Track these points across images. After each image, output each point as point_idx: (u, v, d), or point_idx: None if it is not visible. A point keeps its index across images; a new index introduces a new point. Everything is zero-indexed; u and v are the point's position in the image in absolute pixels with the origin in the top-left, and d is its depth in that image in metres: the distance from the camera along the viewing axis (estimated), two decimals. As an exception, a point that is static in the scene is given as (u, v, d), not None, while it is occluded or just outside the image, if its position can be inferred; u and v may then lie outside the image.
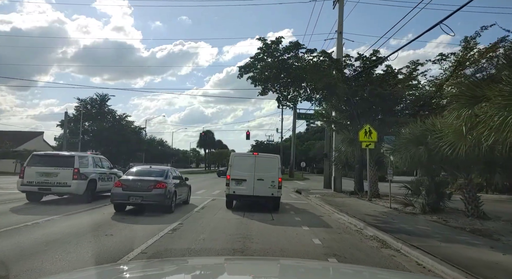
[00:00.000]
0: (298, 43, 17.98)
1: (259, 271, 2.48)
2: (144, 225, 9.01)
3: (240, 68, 18.21)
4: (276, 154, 15.37)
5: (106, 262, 5.50)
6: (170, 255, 6.22)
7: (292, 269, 2.73)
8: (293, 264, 3.09)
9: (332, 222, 11.04)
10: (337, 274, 2.56)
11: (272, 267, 2.77)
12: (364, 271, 2.89)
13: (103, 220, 9.63)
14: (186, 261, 3.81)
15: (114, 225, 8.87)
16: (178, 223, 9.41)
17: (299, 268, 2.76)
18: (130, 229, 8.46)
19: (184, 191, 13.40)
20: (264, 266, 2.78)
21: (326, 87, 17.02)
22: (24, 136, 60.29)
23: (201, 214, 11.43)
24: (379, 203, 15.64)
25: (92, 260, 5.80)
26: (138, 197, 10.42)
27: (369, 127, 16.76)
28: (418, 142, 11.56)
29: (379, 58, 18.36)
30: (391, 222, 10.24)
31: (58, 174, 12.30)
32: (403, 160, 12.63)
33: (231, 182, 12.71)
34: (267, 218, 11.23)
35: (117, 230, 8.25)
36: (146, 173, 11.57)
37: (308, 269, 2.77)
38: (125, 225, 8.84)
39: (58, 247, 6.49)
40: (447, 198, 12.14)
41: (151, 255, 6.19)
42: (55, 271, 5.21)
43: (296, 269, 2.70)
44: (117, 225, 8.89)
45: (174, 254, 6.32)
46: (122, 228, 8.52)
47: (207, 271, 2.57)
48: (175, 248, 6.81)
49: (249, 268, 2.65)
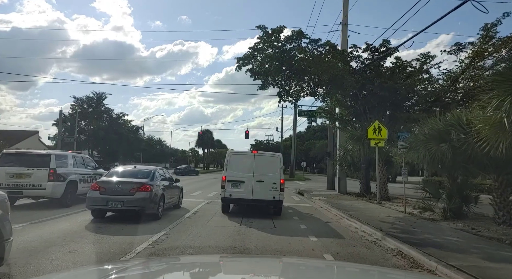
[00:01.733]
0: (301, 32, 16.49)
1: (261, 271, 2.42)
2: (122, 237, 7.55)
3: (239, 60, 16.69)
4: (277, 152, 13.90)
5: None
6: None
7: (294, 267, 2.70)
8: (295, 262, 3.10)
9: (342, 230, 9.61)
10: (342, 274, 2.50)
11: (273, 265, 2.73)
12: (371, 271, 2.89)
13: (74, 229, 8.16)
14: (187, 259, 3.77)
15: (85, 236, 7.42)
16: (163, 234, 7.98)
17: (300, 266, 2.73)
18: (102, 242, 7.01)
19: (175, 194, 11.95)
20: (266, 265, 2.68)
21: (332, 79, 15.53)
22: (19, 135, 58.91)
23: (192, 221, 9.99)
24: (391, 207, 14.22)
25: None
26: (118, 202, 8.96)
27: (379, 124, 15.36)
28: (440, 139, 10.13)
29: (389, 49, 16.91)
30: (412, 231, 8.80)
31: (32, 175, 10.85)
32: (420, 159, 11.19)
33: (227, 184, 11.27)
34: (268, 225, 9.81)
35: (86, 244, 6.80)
36: (129, 174, 10.08)
37: (310, 267, 2.68)
38: (98, 237, 7.38)
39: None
40: (473, 202, 10.69)
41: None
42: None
43: (297, 267, 2.67)
44: (89, 236, 7.44)
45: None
46: (93, 241, 7.07)
47: (209, 269, 2.49)
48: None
49: (251, 267, 2.58)
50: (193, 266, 2.58)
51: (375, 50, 17.04)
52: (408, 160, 12.70)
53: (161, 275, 2.24)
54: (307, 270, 2.53)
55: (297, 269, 2.56)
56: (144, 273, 2.18)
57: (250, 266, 2.59)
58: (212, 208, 12.82)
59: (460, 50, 16.01)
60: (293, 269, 2.60)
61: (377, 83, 16.19)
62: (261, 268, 2.46)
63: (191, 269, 2.46)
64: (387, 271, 3.32)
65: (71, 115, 56.65)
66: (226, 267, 2.55)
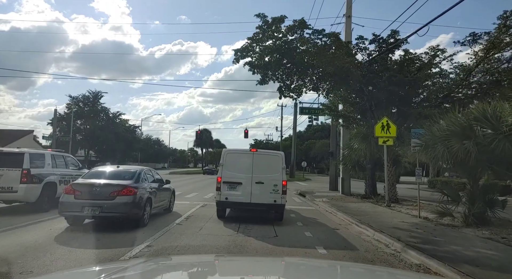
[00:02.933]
0: (303, 22, 15.29)
1: (262, 270, 2.36)
2: (93, 251, 6.33)
3: (236, 52, 15.48)
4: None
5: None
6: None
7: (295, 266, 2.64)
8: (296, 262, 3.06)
9: (354, 239, 8.42)
10: (346, 274, 2.46)
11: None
12: (377, 271, 2.88)
13: (41, 241, 6.94)
14: (188, 259, 3.75)
15: (49, 251, 6.18)
16: (145, 246, 6.78)
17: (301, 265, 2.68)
18: (67, 259, 5.79)
19: (165, 197, 10.75)
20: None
21: (337, 72, 14.34)
22: (13, 135, 57.75)
23: (183, 228, 8.79)
24: (402, 210, 13.03)
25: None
26: (95, 208, 7.73)
27: (387, 121, 14.19)
28: (463, 136, 8.95)
29: (397, 40, 15.73)
30: (435, 241, 7.62)
31: (1, 176, 9.63)
32: (438, 158, 10.01)
33: (223, 186, 10.07)
34: (268, 233, 8.63)
35: (47, 261, 5.58)
36: (110, 175, 8.82)
37: (312, 267, 2.58)
38: (64, 252, 6.16)
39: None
40: (499, 206, 9.50)
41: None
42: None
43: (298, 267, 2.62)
44: (54, 251, 6.21)
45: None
46: (57, 257, 5.85)
47: (209, 269, 2.43)
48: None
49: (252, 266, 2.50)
50: (197, 266, 2.53)
51: (383, 41, 15.84)
52: (421, 160, 11.51)
53: (160, 275, 2.23)
54: (308, 270, 2.46)
55: (298, 269, 2.51)
56: (144, 274, 2.14)
57: (251, 266, 2.51)
58: (207, 212, 11.64)
59: (475, 41, 14.81)
60: (294, 269, 2.53)
61: (385, 76, 15.00)
62: (262, 268, 2.41)
63: (195, 269, 2.43)
64: (393, 271, 3.29)
65: (67, 114, 55.46)
66: (225, 268, 2.49)
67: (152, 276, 2.15)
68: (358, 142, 16.60)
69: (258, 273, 2.26)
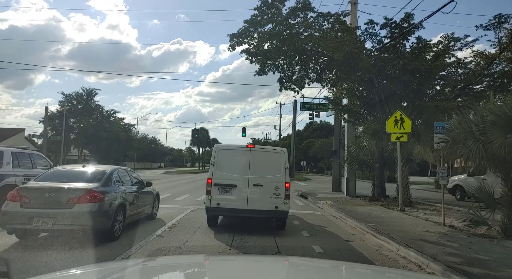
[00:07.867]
0: (307, 3, 13.63)
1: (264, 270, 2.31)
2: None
3: (232, 37, 13.82)
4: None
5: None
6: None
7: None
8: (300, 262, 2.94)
9: (374, 256, 6.77)
10: (351, 274, 2.39)
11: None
12: (379, 271, 2.79)
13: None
14: (189, 258, 3.70)
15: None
16: (106, 271, 5.11)
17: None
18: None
19: (146, 202, 9.05)
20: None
21: (345, 59, 12.67)
22: (5, 133, 55.98)
23: (163, 242, 7.11)
24: (419, 216, 11.41)
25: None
26: (47, 219, 6.02)
27: (401, 115, 12.55)
28: (508, 128, 7.32)
29: (411, 25, 14.07)
30: (482, 261, 5.97)
31: None
32: (470, 156, 8.38)
33: (214, 189, 8.39)
34: (269, 248, 6.99)
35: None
36: (71, 176, 7.07)
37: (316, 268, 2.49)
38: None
39: None
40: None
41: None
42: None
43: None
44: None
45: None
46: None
47: (209, 269, 2.37)
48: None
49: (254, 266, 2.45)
50: (198, 265, 2.50)
51: (395, 26, 14.18)
52: (447, 158, 9.89)
53: (159, 276, 2.19)
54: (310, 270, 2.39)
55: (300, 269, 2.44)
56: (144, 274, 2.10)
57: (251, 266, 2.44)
58: (196, 219, 9.97)
59: (501, 25, 13.18)
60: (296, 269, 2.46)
61: (400, 64, 13.35)
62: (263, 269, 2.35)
63: (195, 268, 2.40)
64: (398, 272, 3.29)
65: (60, 113, 53.62)
66: (224, 268, 2.39)
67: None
68: (368, 138, 14.94)
69: (261, 274, 2.20)
